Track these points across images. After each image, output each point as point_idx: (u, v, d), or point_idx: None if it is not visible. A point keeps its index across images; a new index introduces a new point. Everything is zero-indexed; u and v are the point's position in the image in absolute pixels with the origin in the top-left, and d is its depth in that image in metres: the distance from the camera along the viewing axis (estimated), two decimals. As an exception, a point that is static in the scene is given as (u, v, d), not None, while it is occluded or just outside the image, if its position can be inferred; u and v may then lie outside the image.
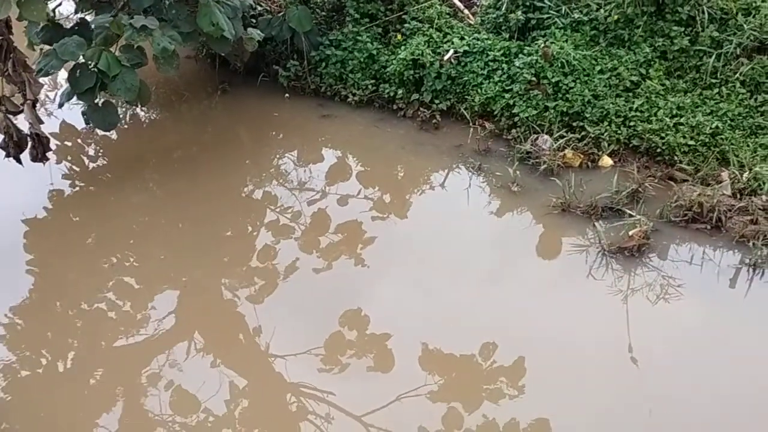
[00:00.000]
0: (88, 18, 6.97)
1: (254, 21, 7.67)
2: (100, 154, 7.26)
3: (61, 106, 6.91)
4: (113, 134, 7.38)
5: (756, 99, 6.33)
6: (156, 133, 7.62)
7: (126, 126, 7.61)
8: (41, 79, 6.57)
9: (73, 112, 7.47)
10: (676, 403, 4.50)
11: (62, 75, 7.60)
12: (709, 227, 5.61)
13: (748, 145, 6.08)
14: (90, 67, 6.33)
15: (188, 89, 8.13)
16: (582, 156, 6.38)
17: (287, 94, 7.68)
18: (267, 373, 4.99)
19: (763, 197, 5.63)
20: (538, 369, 4.75)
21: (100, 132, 7.24)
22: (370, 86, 7.42)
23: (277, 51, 7.88)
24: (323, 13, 7.91)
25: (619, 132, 6.40)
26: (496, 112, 6.84)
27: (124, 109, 7.67)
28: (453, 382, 4.76)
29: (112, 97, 6.70)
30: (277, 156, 7.18)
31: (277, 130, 7.52)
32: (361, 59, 7.46)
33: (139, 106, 7.46)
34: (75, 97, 6.57)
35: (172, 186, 6.66)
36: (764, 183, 5.68)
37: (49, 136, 6.57)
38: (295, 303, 5.37)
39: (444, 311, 5.21)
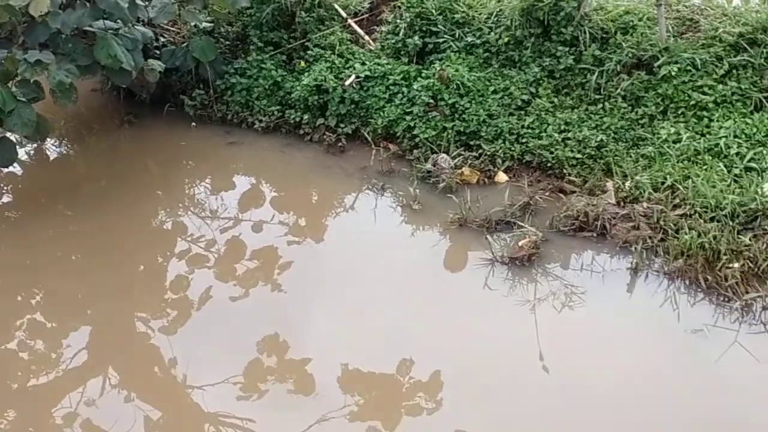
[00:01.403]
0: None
1: (158, 52, 7.33)
2: (4, 191, 6.76)
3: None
4: (18, 170, 6.90)
5: (636, 112, 6.42)
6: (64, 168, 7.18)
7: (31, 161, 7.13)
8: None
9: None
10: (589, 408, 4.44)
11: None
12: (595, 235, 5.64)
13: (630, 156, 6.16)
14: (-16, 103, 5.91)
15: (96, 122, 7.71)
16: (479, 173, 6.34)
17: (194, 123, 7.36)
18: (184, 404, 4.68)
19: (644, 204, 5.70)
20: (454, 381, 4.61)
21: (3, 169, 6.78)
22: (276, 112, 7.18)
23: (182, 81, 7.56)
24: (227, 42, 7.65)
25: (512, 149, 6.38)
26: (398, 134, 6.72)
27: (29, 146, 7.19)
28: (373, 401, 4.57)
29: (9, 133, 6.24)
30: (188, 185, 6.85)
31: (186, 159, 7.18)
32: (266, 86, 7.23)
33: (40, 141, 7.01)
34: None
35: (82, 220, 6.24)
36: (645, 191, 5.75)
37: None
38: (211, 332, 5.07)
39: (361, 331, 5.03)
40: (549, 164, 6.24)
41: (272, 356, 4.89)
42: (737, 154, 5.88)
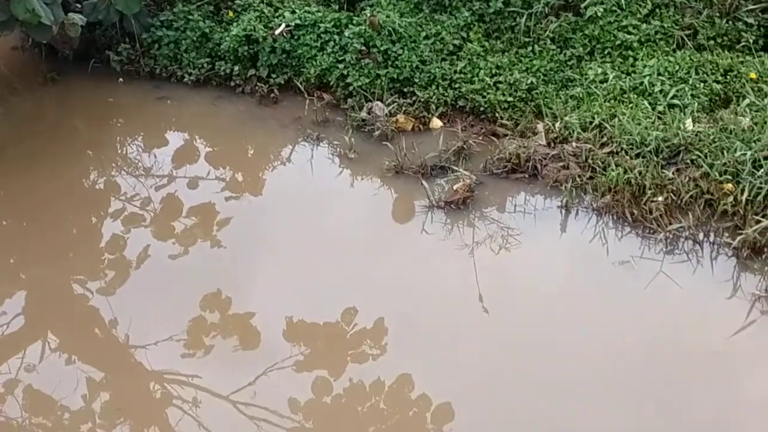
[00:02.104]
0: None
1: (78, 5, 6.90)
2: (-77, 156, 6.37)
3: None
4: (-63, 134, 6.51)
5: (565, 54, 6.40)
6: (-14, 130, 6.78)
7: (-49, 125, 6.73)
8: None
9: None
10: (526, 345, 4.50)
11: None
12: (527, 176, 5.66)
13: (559, 98, 6.16)
14: None
15: (18, 81, 7.28)
16: (413, 120, 6.24)
17: (121, 79, 7.01)
18: (127, 364, 4.55)
19: (573, 144, 5.72)
20: (398, 327, 4.60)
21: None
22: (205, 65, 6.89)
23: (107, 35, 7.17)
24: (151, -6, 7.29)
25: (446, 94, 6.29)
26: (331, 83, 6.55)
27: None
28: (318, 351, 4.53)
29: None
30: (118, 143, 6.56)
31: (115, 117, 6.85)
32: (194, 38, 6.91)
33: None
34: None
35: (9, 184, 5.92)
36: (574, 131, 5.77)
37: None
38: (151, 291, 4.92)
39: (303, 284, 4.94)
40: (482, 108, 6.19)
41: (215, 312, 4.78)
42: (661, 91, 5.94)
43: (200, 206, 5.69)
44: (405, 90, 6.38)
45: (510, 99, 6.12)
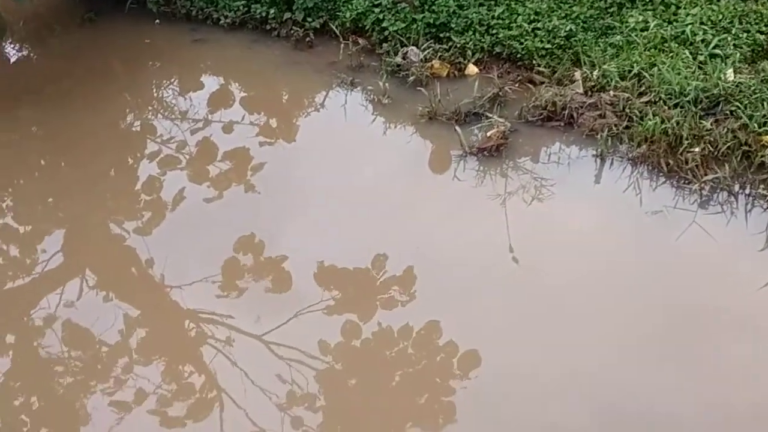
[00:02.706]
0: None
1: (116, -54, 6.83)
2: (-35, 95, 6.41)
3: None
4: (-22, 73, 6.53)
5: (605, 1, 6.16)
6: (25, 70, 6.79)
7: (-7, 63, 6.74)
8: None
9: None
10: (556, 296, 4.41)
11: None
12: (562, 124, 5.52)
13: (598, 45, 5.95)
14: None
15: (56, 22, 7.25)
16: (449, 66, 6.09)
17: (157, 21, 6.94)
18: (162, 303, 4.61)
19: (611, 93, 5.55)
20: (427, 274, 4.55)
21: (-37, 72, 6.41)
22: (241, 7, 6.77)
23: (144, -23, 7.10)
24: (189, -65, 7.13)
25: (482, 40, 6.11)
26: (367, 28, 6.39)
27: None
28: (348, 296, 4.51)
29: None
30: (155, 85, 6.52)
31: (151, 59, 6.79)
32: (231, -20, 6.81)
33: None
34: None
35: (48, 124, 5.94)
36: (612, 79, 5.59)
37: None
38: (187, 233, 4.94)
39: (334, 229, 4.91)
40: (519, 55, 6.01)
41: (248, 255, 4.78)
42: (702, 41, 5.71)
43: (235, 150, 5.65)
44: (441, 35, 6.21)
45: (548, 46, 5.93)
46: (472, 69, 6.07)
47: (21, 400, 4.10)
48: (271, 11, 6.68)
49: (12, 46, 6.97)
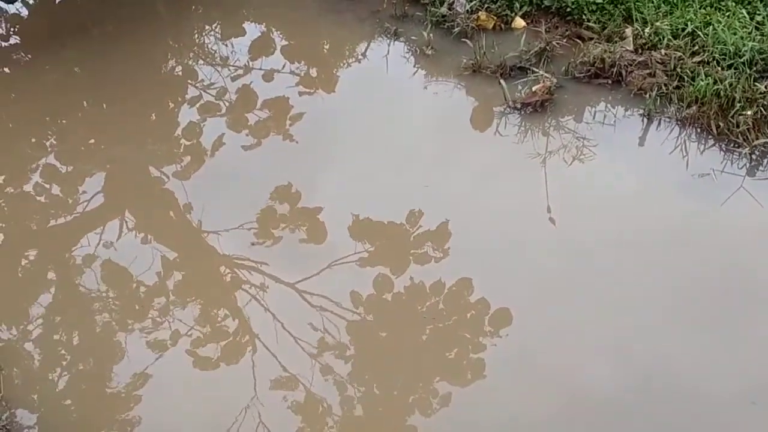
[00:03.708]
0: None
1: None
2: (11, 33, 6.50)
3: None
4: (24, 12, 6.60)
5: (662, -44, 5.99)
6: (70, 10, 6.83)
7: (37, 3, 6.80)
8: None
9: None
10: (589, 256, 4.42)
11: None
12: (610, 82, 5.42)
13: (651, 2, 5.79)
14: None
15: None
16: (495, 18, 5.99)
17: (203, -36, 6.96)
18: (199, 247, 4.71)
19: (662, 51, 5.43)
20: (461, 231, 4.56)
21: (9, 9, 6.50)
22: (286, -49, 6.76)
23: None
24: None
25: (531, -7, 6.02)
26: (413, -26, 6.33)
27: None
28: (382, 249, 4.55)
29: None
30: (197, 30, 6.55)
31: (195, 4, 6.82)
32: (276, -75, 6.76)
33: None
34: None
35: (91, 65, 6.02)
36: (664, 37, 5.46)
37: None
38: (225, 179, 5.01)
39: (371, 183, 4.93)
40: (568, 9, 5.88)
41: (284, 204, 4.85)
42: (761, 0, 5.53)
43: (274, 100, 5.68)
44: (488, -14, 6.13)
45: (599, 1, 5.79)
46: (519, 22, 5.97)
47: (61, 335, 4.27)
48: (316, -44, 6.63)
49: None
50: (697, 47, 5.38)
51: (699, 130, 5.04)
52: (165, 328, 4.22)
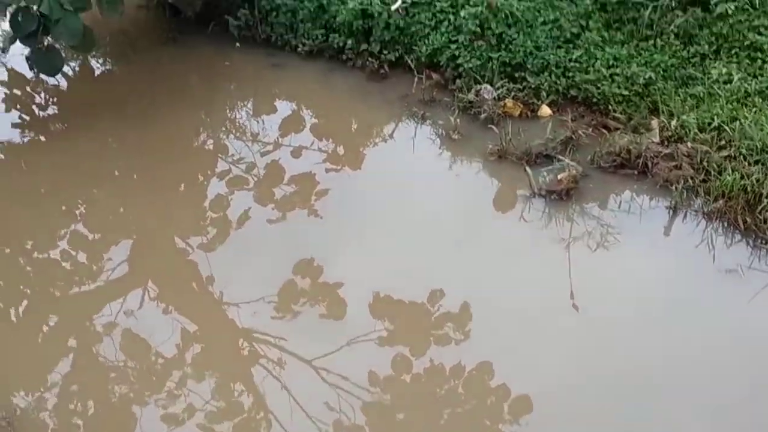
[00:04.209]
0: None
1: (204, -31, 7.19)
2: (50, 103, 6.80)
3: (4, 51, 6.47)
4: (64, 84, 6.92)
5: (688, 50, 6.14)
6: (107, 83, 7.16)
7: (77, 76, 7.12)
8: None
9: (22, 61, 6.99)
10: (612, 345, 4.41)
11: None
12: (636, 173, 5.50)
13: (678, 95, 5.92)
14: (32, 10, 5.88)
15: (140, 39, 7.63)
16: (522, 106, 6.16)
17: (238, 44, 7.24)
18: (219, 319, 4.76)
19: (689, 144, 5.50)
20: (483, 313, 4.59)
21: (50, 81, 6.82)
22: (320, 36, 7.03)
23: (228, 0, 7.42)
24: (274, -38, 7.46)
25: (558, 82, 6.17)
26: (442, 63, 6.54)
27: (74, 61, 7.19)
28: (402, 329, 4.58)
29: (56, 43, 6.21)
30: (230, 106, 6.79)
31: (229, 80, 7.09)
32: (312, 9, 7.04)
33: (85, 52, 6.98)
34: (19, 43, 6.14)
35: (124, 136, 6.25)
36: (690, 130, 5.54)
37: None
38: (248, 252, 5.10)
39: (393, 260, 5.00)
40: (594, 100, 6.03)
41: (306, 279, 4.91)
42: (789, 98, 5.65)
43: (301, 175, 5.82)
44: (516, 75, 6.29)
45: (625, 92, 5.94)
46: (545, 110, 6.12)
47: (76, 405, 4.29)
48: (349, 42, 6.90)
49: (97, 59, 7.37)
50: (723, 141, 5.45)
51: (726, 224, 5.06)
52: (180, 401, 4.24)
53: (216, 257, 5.09)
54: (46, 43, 6.14)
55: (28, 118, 6.56)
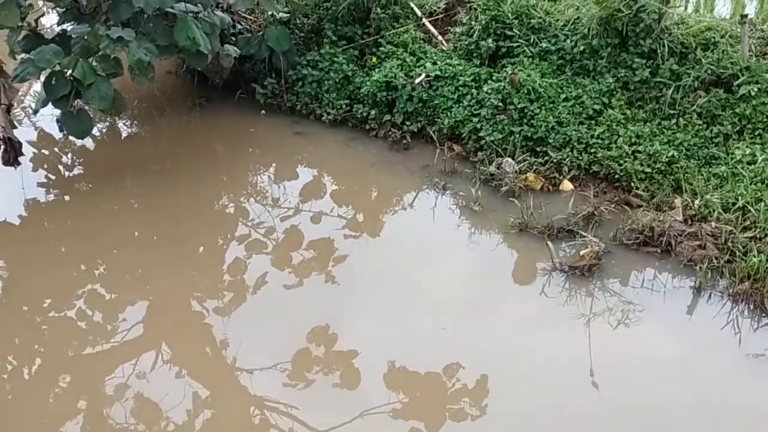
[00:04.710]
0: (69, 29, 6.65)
1: (233, 39, 7.41)
2: (76, 163, 6.95)
3: (35, 112, 6.68)
4: (90, 145, 7.08)
5: (711, 130, 6.21)
6: (133, 146, 7.33)
7: (104, 138, 7.31)
8: (17, 86, 6.32)
9: (51, 122, 7.20)
10: (632, 425, 4.31)
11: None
12: (659, 251, 5.49)
13: (701, 174, 5.96)
14: (66, 75, 6.08)
15: (167, 104, 7.86)
16: (543, 180, 6.23)
17: (263, 111, 7.43)
18: (232, 385, 4.72)
19: (713, 224, 5.51)
20: (501, 389, 4.53)
21: (77, 142, 6.99)
22: (344, 106, 7.20)
23: (255, 69, 7.64)
24: (302, 34, 7.70)
25: (580, 158, 6.25)
26: (463, 135, 6.66)
27: (102, 123, 7.39)
28: (417, 401, 4.52)
29: (86, 106, 6.39)
30: (252, 172, 6.92)
31: (252, 146, 7.25)
32: (337, 80, 7.25)
33: (114, 115, 7.18)
34: (50, 105, 6.30)
35: (147, 198, 6.37)
36: (714, 210, 5.56)
37: (21, 140, 6.34)
38: (264, 317, 5.11)
39: (411, 330, 4.98)
40: (616, 176, 6.09)
41: (320, 346, 4.89)
42: (813, 181, 5.65)
43: (320, 241, 5.87)
44: (537, 149, 6.39)
45: (648, 170, 5.99)
46: (566, 185, 6.17)
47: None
48: (372, 112, 7.05)
49: (124, 121, 7.56)
50: (748, 222, 5.47)
51: (752, 306, 5.01)
52: (189, 468, 4.18)
53: (231, 321, 5.10)
54: (77, 106, 6.30)
55: (54, 177, 6.70)
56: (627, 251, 5.52)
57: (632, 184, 6.00)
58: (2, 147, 6.18)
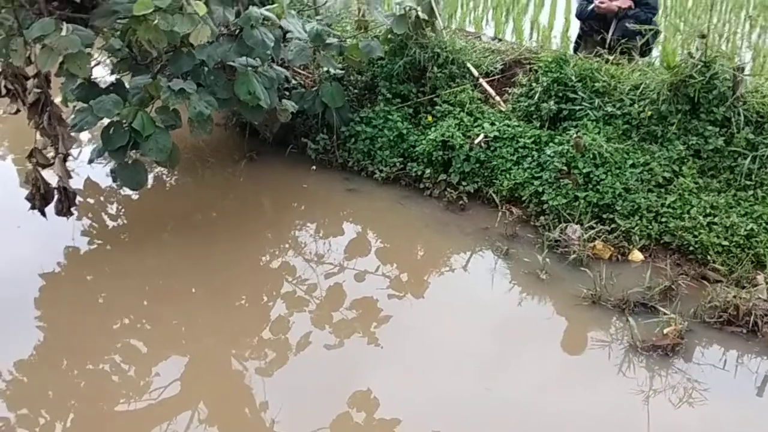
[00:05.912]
0: (124, 80, 6.72)
1: (288, 93, 7.44)
2: (121, 213, 6.93)
3: (90, 162, 6.69)
4: (135, 194, 7.07)
5: (792, 203, 5.96)
6: (178, 197, 7.30)
7: (148, 187, 7.29)
8: (74, 135, 6.35)
9: (97, 170, 7.23)
10: None
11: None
12: (745, 331, 5.19)
13: (784, 250, 5.68)
14: (124, 125, 6.09)
15: (214, 156, 7.87)
16: (612, 248, 6.00)
17: (314, 167, 7.39)
18: (270, 452, 4.50)
19: (801, 304, 5.20)
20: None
21: (122, 191, 6.97)
22: (397, 164, 7.13)
23: (307, 124, 7.64)
24: (356, 91, 7.71)
25: (650, 227, 6.02)
26: (523, 198, 6.50)
27: (149, 171, 7.38)
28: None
29: (142, 157, 6.38)
30: (298, 227, 6.81)
31: (300, 201, 7.17)
32: (391, 137, 7.19)
33: (170, 168, 7.19)
34: (104, 155, 6.32)
35: (189, 251, 6.27)
36: (801, 289, 5.27)
37: (75, 191, 6.31)
38: (305, 379, 4.89)
39: (461, 402, 4.70)
40: (691, 248, 5.84)
41: (361, 412, 4.65)
42: None
43: (363, 300, 5.71)
44: (604, 216, 6.18)
45: (725, 243, 5.73)
46: (637, 255, 5.94)
47: None
48: (427, 171, 6.95)
49: (172, 172, 7.56)
50: (837, 302, 5.16)
51: None
52: None
53: (271, 382, 4.89)
54: (132, 158, 6.30)
55: (97, 226, 6.67)
56: (709, 330, 5.23)
57: (708, 257, 5.74)
58: (57, 196, 6.20)
